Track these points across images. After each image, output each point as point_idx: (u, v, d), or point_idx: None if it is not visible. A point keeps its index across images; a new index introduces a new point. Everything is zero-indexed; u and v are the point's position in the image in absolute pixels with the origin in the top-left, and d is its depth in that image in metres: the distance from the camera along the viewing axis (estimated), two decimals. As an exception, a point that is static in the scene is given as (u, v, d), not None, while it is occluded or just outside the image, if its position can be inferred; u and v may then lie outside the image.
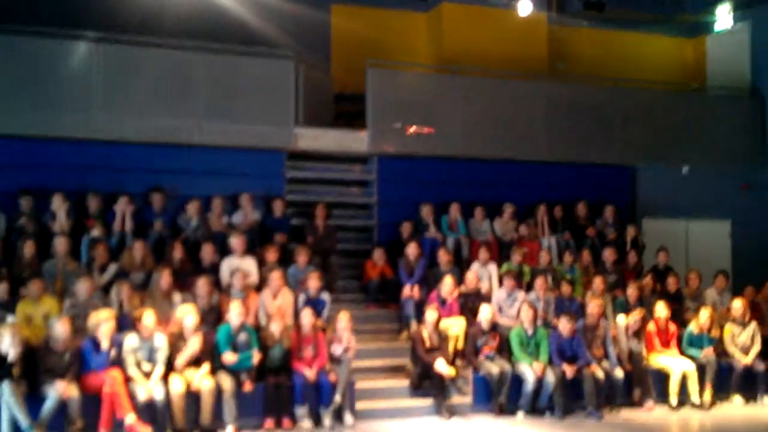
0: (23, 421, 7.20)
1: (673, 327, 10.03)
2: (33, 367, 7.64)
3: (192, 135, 10.79)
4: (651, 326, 9.95)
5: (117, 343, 7.94)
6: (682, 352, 9.92)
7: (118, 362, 7.87)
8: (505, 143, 12.37)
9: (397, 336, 10.27)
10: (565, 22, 14.76)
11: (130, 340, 7.97)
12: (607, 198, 12.64)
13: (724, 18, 14.77)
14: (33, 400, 7.42)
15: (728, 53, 14.79)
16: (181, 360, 8.02)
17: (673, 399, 9.51)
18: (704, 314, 10.09)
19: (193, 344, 8.12)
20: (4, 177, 10.03)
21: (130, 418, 7.46)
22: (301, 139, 11.41)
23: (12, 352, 7.37)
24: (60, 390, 7.42)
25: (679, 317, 10.43)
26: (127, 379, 7.75)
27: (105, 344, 7.80)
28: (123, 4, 11.91)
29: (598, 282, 10.46)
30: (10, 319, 8.03)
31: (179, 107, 10.75)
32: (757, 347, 10.11)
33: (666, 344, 9.91)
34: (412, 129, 11.75)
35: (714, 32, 15.13)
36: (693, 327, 10.08)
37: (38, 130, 10.13)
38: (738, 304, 10.36)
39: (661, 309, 9.96)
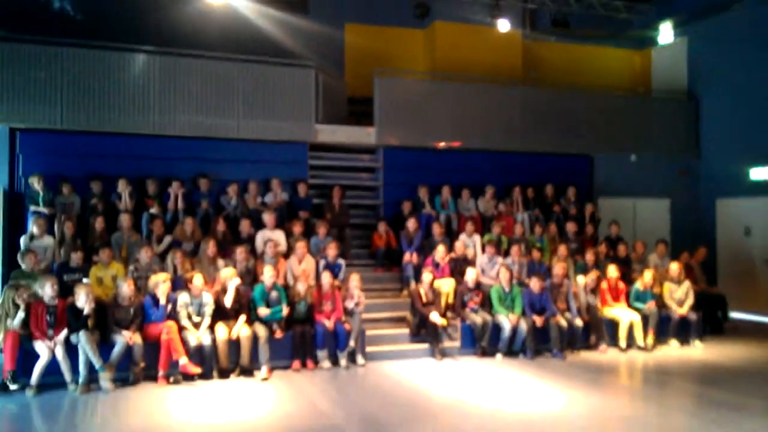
0: (96, 362, 7.24)
1: (622, 285, 10.01)
2: (104, 320, 7.68)
3: (231, 130, 10.72)
4: (604, 284, 9.93)
5: (172, 300, 7.96)
6: (629, 305, 9.90)
7: (173, 315, 7.90)
8: (487, 137, 12.28)
9: (399, 293, 10.25)
10: (536, 37, 14.65)
11: (183, 297, 7.99)
12: (570, 181, 12.56)
13: (666, 34, 14.58)
14: (104, 346, 7.46)
15: (669, 63, 14.66)
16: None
17: (623, 343, 9.48)
18: (648, 275, 10.07)
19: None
20: (79, 165, 10.00)
21: (183, 360, 7.50)
22: (321, 134, 11.33)
23: (87, 307, 7.38)
24: (126, 338, 7.48)
25: (628, 277, 10.42)
26: (181, 329, 7.78)
27: (162, 300, 7.84)
28: (173, 23, 11.83)
29: (562, 249, 10.42)
30: (85, 280, 8.06)
31: (221, 108, 10.66)
32: (690, 301, 10.09)
33: (616, 299, 9.90)
34: (442, 144, 11.66)
35: (658, 45, 14.96)
36: (639, 285, 10.05)
37: (106, 127, 10.08)
38: (675, 267, 10.33)
39: (613, 271, 9.95)
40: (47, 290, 7.37)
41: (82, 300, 7.37)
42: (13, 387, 7.10)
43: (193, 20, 11.90)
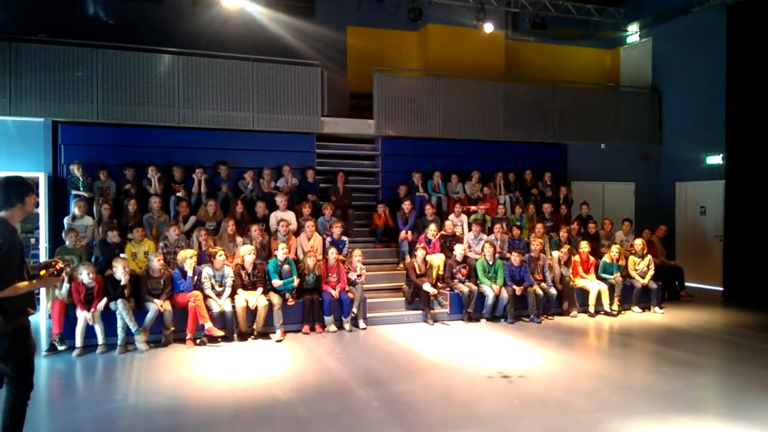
0: (132, 326, 7.36)
1: (592, 259, 10.09)
2: (138, 290, 7.77)
3: (247, 123, 10.74)
4: (577, 257, 10.04)
5: (197, 272, 8.03)
6: (598, 276, 10.00)
7: (199, 286, 7.97)
8: (473, 127, 12.29)
9: (395, 266, 10.32)
10: (517, 38, 14.57)
11: (207, 270, 8.07)
12: (546, 167, 12.59)
13: (634, 34, 14.60)
14: (139, 312, 7.58)
15: (636, 60, 14.63)
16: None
17: (591, 309, 9.62)
18: (614, 249, 10.15)
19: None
20: (114, 154, 10.04)
21: (208, 324, 7.62)
22: (326, 126, 11.34)
23: (123, 278, 7.49)
24: (157, 305, 7.59)
25: (597, 252, 10.50)
26: (205, 298, 7.87)
27: (189, 273, 7.92)
28: (195, 27, 11.78)
29: (539, 227, 10.50)
30: (122, 255, 8.16)
31: (238, 103, 10.66)
32: (651, 272, 10.18)
33: (587, 271, 9.99)
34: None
35: (626, 45, 14.94)
36: (606, 258, 10.14)
37: (137, 120, 10.10)
38: (638, 242, 10.42)
39: (584, 246, 10.02)
40: (85, 276, 7.39)
41: (119, 272, 7.49)
42: (60, 348, 7.24)
43: (213, 25, 11.84)
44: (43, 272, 3.92)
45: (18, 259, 3.75)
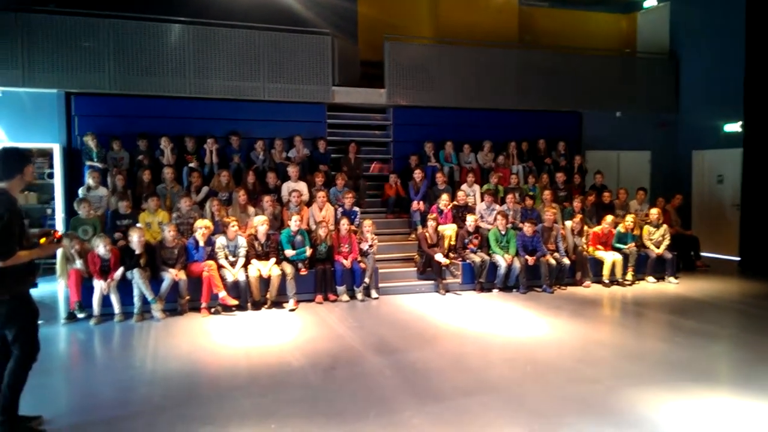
0: (149, 295, 7.47)
1: (612, 232, 9.96)
2: (153, 259, 7.84)
3: (258, 93, 10.69)
4: (597, 229, 9.93)
5: (211, 243, 8.09)
6: (612, 247, 9.97)
7: (212, 256, 8.04)
8: (486, 96, 12.13)
9: (407, 237, 10.33)
10: (531, 3, 14.31)
11: (220, 240, 8.13)
12: (560, 135, 12.46)
13: (651, -1, 14.34)
14: (154, 281, 7.66)
15: (653, 26, 14.31)
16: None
17: (605, 279, 9.60)
18: (629, 219, 10.07)
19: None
20: (127, 125, 10.09)
21: (222, 294, 7.69)
22: (337, 95, 11.26)
23: (138, 248, 7.57)
24: (172, 275, 7.67)
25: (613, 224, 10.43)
26: (219, 267, 7.93)
27: (202, 243, 7.98)
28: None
29: (547, 195, 10.44)
30: (138, 225, 8.22)
31: (249, 72, 10.60)
32: (666, 242, 10.11)
33: (606, 245, 9.92)
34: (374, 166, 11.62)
35: (643, 10, 14.62)
36: (621, 228, 10.05)
37: (149, 90, 10.09)
38: (653, 211, 10.33)
39: (608, 221, 9.89)
40: (100, 249, 7.46)
41: (135, 242, 7.57)
42: (80, 315, 7.35)
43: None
44: (42, 240, 4.07)
45: (18, 228, 3.86)
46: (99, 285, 7.37)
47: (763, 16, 10.98)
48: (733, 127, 12.14)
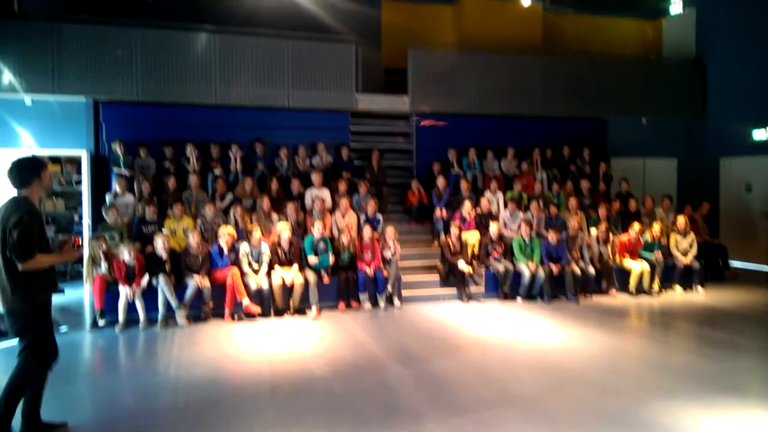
0: (173, 302, 7.52)
1: (639, 240, 9.79)
2: (178, 265, 7.91)
3: (282, 100, 10.72)
4: (624, 237, 9.77)
5: (235, 249, 8.13)
6: (638, 255, 9.81)
7: (236, 262, 8.07)
8: (510, 103, 12.03)
9: (430, 244, 10.28)
10: (555, 10, 14.17)
11: (244, 246, 8.16)
12: (585, 142, 12.32)
13: (676, 4, 14.08)
14: (179, 288, 7.72)
15: (679, 32, 14.11)
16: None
17: (632, 289, 9.43)
18: (656, 227, 9.91)
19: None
20: (153, 132, 10.20)
21: (245, 301, 7.73)
22: (361, 102, 11.27)
23: (163, 254, 7.63)
24: (197, 281, 7.71)
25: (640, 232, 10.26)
26: (243, 274, 7.96)
27: (227, 250, 8.02)
28: (230, 5, 11.78)
29: (572, 203, 10.32)
30: (164, 231, 8.29)
31: (273, 80, 10.65)
32: (693, 251, 9.95)
33: (633, 254, 9.76)
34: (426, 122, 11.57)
35: (669, 15, 14.42)
36: (647, 236, 9.89)
37: (175, 98, 10.18)
38: (680, 219, 10.16)
39: (634, 229, 9.73)
40: (126, 256, 7.54)
41: (160, 247, 7.64)
42: (101, 322, 7.43)
43: (248, 2, 11.84)
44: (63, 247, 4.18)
45: (38, 234, 3.92)
46: (124, 291, 7.44)
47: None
48: (762, 134, 11.89)
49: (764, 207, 11.86)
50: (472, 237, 9.54)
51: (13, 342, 4.11)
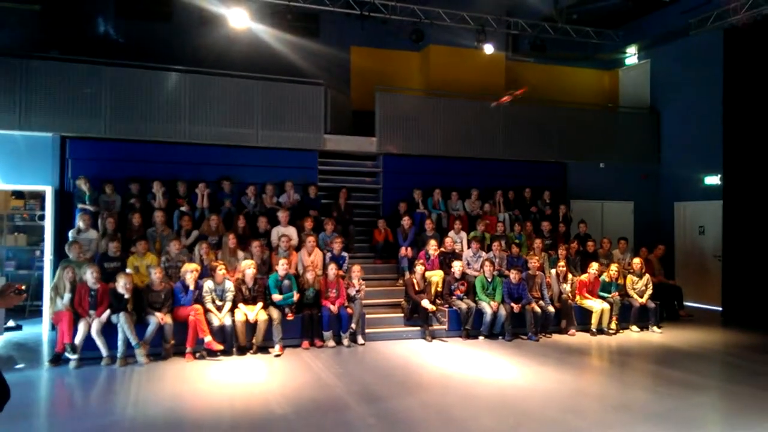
0: (133, 340, 7.33)
1: (597, 280, 10.00)
2: (140, 303, 7.75)
3: (251, 139, 10.77)
4: (584, 277, 9.96)
5: (198, 286, 8.00)
6: (596, 295, 9.96)
7: (199, 300, 7.95)
8: (473, 146, 12.31)
9: (395, 282, 10.26)
10: (517, 59, 14.66)
11: (208, 284, 8.05)
12: (546, 185, 12.59)
13: (632, 56, 14.69)
14: (140, 325, 7.54)
15: (634, 81, 14.69)
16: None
17: (594, 328, 9.53)
18: (613, 268, 10.10)
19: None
20: (118, 169, 10.08)
21: (207, 338, 7.59)
22: (329, 143, 11.38)
23: (126, 292, 7.48)
24: (158, 318, 7.56)
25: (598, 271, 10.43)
26: (206, 311, 7.84)
27: (191, 287, 7.90)
28: (202, 46, 11.92)
29: (537, 242, 10.49)
30: (128, 270, 8.13)
31: (242, 120, 10.71)
32: (649, 291, 10.14)
33: (592, 293, 9.94)
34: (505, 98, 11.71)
35: (624, 66, 15.02)
36: (605, 277, 10.08)
37: (143, 135, 10.15)
38: (636, 261, 10.40)
39: (593, 268, 9.95)
40: (89, 276, 7.48)
41: (122, 285, 7.49)
42: (72, 357, 7.14)
43: (219, 44, 11.97)
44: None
45: None
46: (83, 326, 7.25)
47: (739, 72, 11.31)
48: (713, 179, 12.33)
49: (716, 250, 12.20)
50: (436, 275, 9.58)
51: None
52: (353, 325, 8.54)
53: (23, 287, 3.98)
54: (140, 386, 6.41)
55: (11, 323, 9.13)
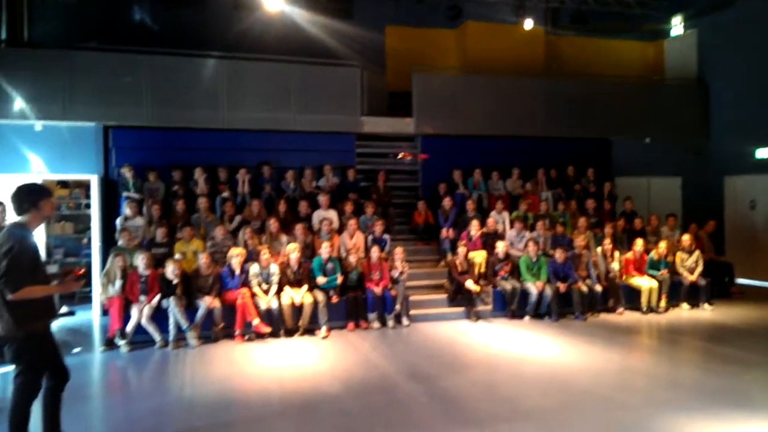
0: (183, 324, 7.62)
1: (645, 257, 9.95)
2: (188, 288, 8.03)
3: (289, 124, 10.93)
4: (629, 254, 9.92)
5: (245, 270, 8.25)
6: (645, 273, 9.90)
7: (246, 283, 8.19)
8: (513, 124, 12.22)
9: (437, 264, 10.37)
10: (557, 33, 14.46)
11: (254, 268, 8.27)
12: (589, 162, 12.47)
13: (677, 26, 14.37)
14: (190, 310, 7.83)
15: (680, 53, 14.34)
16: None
17: (643, 307, 9.49)
18: (662, 245, 10.03)
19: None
20: (160, 156, 10.36)
21: (255, 321, 7.83)
22: (366, 125, 11.47)
23: (174, 278, 7.77)
24: (207, 302, 7.82)
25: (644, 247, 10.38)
26: (253, 295, 8.07)
27: (237, 271, 8.15)
28: (237, 31, 12.10)
29: (581, 221, 10.44)
30: (177, 256, 8.42)
31: (279, 104, 10.87)
32: (699, 268, 10.02)
33: (640, 271, 9.89)
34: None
35: (670, 37, 14.69)
36: (654, 254, 10.00)
37: (184, 123, 10.39)
38: (686, 237, 10.29)
39: (638, 245, 9.91)
40: (140, 263, 7.81)
41: (170, 271, 7.78)
42: (121, 343, 7.51)
43: (254, 28, 12.14)
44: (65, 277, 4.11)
45: (31, 263, 3.85)
46: (136, 312, 7.57)
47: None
48: (765, 152, 12.05)
49: (769, 224, 11.98)
50: (478, 256, 9.65)
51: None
52: (397, 307, 8.68)
53: (82, 272, 4.14)
54: (193, 368, 6.68)
55: (64, 308, 9.54)
